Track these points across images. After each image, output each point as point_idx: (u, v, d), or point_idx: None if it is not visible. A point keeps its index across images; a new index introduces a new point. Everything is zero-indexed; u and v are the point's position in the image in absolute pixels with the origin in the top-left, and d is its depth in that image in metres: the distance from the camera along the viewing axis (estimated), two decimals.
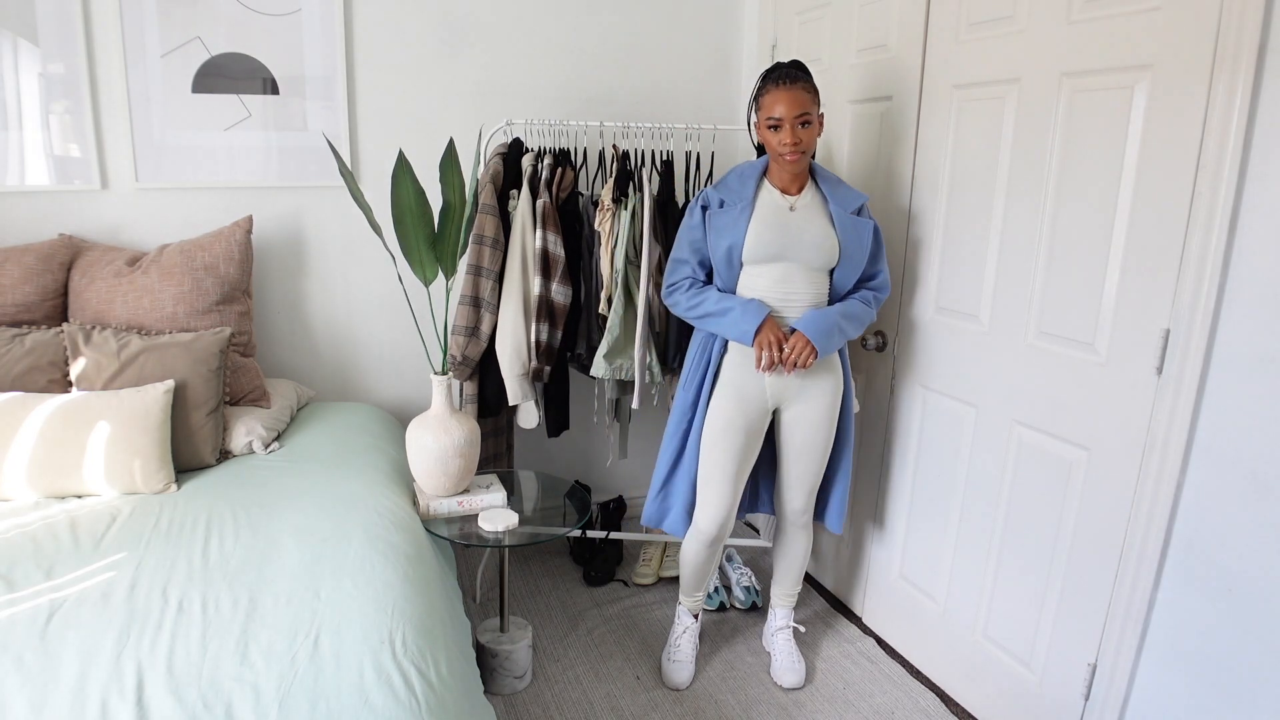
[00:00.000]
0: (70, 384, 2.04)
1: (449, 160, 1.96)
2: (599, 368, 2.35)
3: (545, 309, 2.35)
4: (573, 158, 2.45)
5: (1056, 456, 1.82)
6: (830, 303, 2.02)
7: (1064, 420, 1.79)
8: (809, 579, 2.80)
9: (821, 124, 1.96)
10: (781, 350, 1.92)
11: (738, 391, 2.03)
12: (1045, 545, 1.87)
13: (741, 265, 2.00)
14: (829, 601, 2.66)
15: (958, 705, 2.15)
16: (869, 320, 2.05)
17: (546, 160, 2.37)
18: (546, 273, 2.34)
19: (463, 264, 2.43)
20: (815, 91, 1.92)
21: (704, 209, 2.02)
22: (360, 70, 2.59)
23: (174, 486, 1.92)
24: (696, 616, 2.29)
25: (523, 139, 2.51)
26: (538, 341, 2.35)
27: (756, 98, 1.95)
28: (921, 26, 2.11)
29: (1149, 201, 1.57)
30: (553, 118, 2.68)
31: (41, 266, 2.19)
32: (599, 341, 2.38)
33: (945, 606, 2.19)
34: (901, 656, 2.35)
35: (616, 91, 2.87)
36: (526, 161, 2.39)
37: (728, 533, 2.13)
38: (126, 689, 1.22)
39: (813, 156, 2.05)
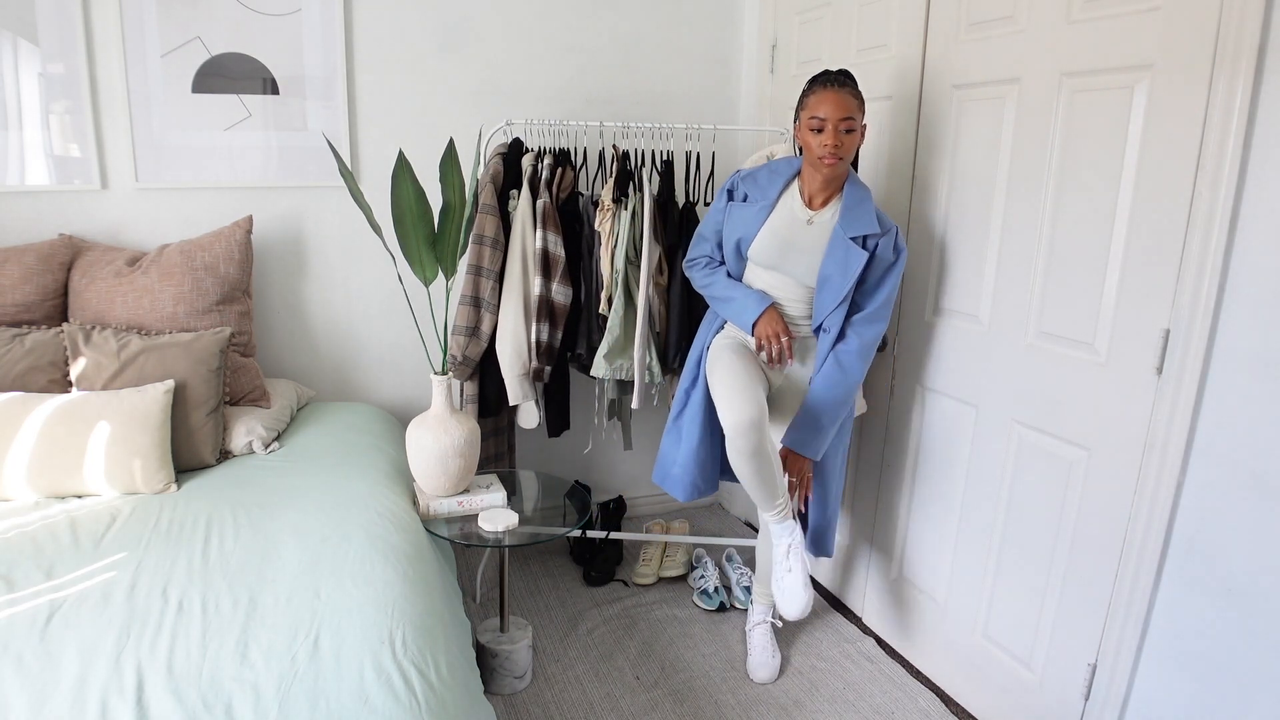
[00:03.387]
0: (70, 384, 2.04)
1: (449, 160, 1.96)
2: (599, 368, 2.35)
3: (545, 309, 2.35)
4: (573, 158, 2.45)
5: (1056, 456, 1.82)
6: (816, 323, 1.99)
7: (1064, 420, 1.79)
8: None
9: (863, 135, 1.92)
10: (780, 342, 1.96)
11: (736, 339, 2.08)
12: (1045, 545, 1.87)
13: (746, 260, 2.04)
14: (829, 601, 2.66)
15: (958, 705, 2.15)
16: (856, 377, 1.97)
17: (546, 160, 2.37)
18: (547, 273, 2.34)
19: (463, 264, 2.43)
20: (862, 100, 1.89)
21: (730, 193, 2.06)
22: (360, 70, 2.59)
23: (174, 486, 1.92)
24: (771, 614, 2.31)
25: (523, 139, 2.51)
26: (538, 341, 2.35)
27: (802, 98, 1.92)
28: (921, 26, 2.11)
29: (1149, 201, 1.57)
30: (553, 118, 2.68)
31: (41, 266, 2.19)
32: (599, 342, 2.38)
33: (945, 606, 2.19)
34: (901, 656, 2.35)
35: (616, 91, 2.87)
36: (526, 161, 2.39)
37: (764, 427, 1.84)
38: (126, 689, 1.22)
39: (854, 167, 2.02)
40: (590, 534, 2.77)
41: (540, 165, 2.36)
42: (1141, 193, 1.58)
